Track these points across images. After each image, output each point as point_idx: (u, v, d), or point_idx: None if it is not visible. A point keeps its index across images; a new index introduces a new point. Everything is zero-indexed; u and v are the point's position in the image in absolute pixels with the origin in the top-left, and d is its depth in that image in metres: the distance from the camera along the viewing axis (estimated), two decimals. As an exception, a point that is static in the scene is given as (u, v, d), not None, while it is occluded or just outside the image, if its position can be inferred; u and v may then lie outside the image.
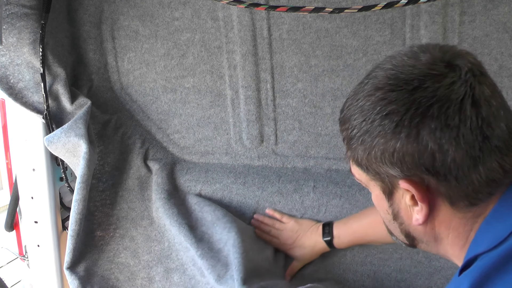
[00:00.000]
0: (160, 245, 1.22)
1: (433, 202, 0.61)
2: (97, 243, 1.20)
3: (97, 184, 1.22)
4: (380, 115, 0.59)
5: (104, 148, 1.25)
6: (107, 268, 1.18)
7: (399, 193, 0.64)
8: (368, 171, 0.65)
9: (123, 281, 1.19)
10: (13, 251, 1.41)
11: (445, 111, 0.56)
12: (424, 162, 0.58)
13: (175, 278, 1.18)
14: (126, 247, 1.21)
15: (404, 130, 0.57)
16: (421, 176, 0.59)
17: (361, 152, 0.63)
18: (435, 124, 0.56)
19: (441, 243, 0.66)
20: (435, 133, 0.56)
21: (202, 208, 1.22)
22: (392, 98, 0.58)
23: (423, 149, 0.57)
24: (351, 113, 0.63)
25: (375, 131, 0.60)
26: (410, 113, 0.57)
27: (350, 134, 0.64)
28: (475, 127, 0.56)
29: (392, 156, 0.59)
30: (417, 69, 0.59)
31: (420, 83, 0.57)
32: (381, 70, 0.62)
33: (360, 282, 1.19)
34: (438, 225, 0.63)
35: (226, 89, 1.25)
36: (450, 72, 0.58)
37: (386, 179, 0.63)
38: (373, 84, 0.61)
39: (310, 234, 1.15)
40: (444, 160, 0.57)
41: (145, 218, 1.24)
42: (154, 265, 1.20)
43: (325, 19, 1.13)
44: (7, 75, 1.14)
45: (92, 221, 1.20)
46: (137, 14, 1.23)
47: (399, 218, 0.67)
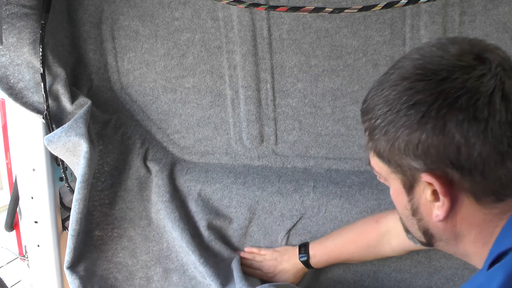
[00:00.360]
0: (158, 246, 1.22)
1: (455, 198, 0.59)
2: (95, 243, 1.20)
3: (96, 183, 1.22)
4: (406, 105, 0.57)
5: (103, 148, 1.25)
6: (106, 267, 1.19)
7: (420, 187, 0.61)
8: (390, 163, 0.62)
9: (122, 281, 1.19)
10: (13, 251, 1.41)
11: (474, 103, 0.54)
12: (449, 155, 0.56)
13: (174, 278, 1.19)
14: (124, 247, 1.21)
15: (430, 121, 0.55)
16: (444, 170, 0.57)
17: (384, 143, 0.61)
18: (463, 116, 0.54)
19: (462, 241, 0.63)
20: (463, 125, 0.54)
21: (200, 220, 1.24)
22: (420, 88, 0.56)
23: (449, 141, 0.55)
24: (375, 103, 0.61)
25: (400, 122, 0.58)
26: (437, 104, 0.55)
27: (373, 124, 0.61)
28: (504, 121, 0.54)
29: (416, 148, 0.57)
30: (446, 59, 0.57)
31: (448, 73, 0.56)
32: (408, 60, 0.60)
33: (360, 282, 1.19)
34: (460, 222, 0.61)
35: (226, 89, 1.25)
36: (480, 64, 0.56)
37: (407, 172, 0.61)
38: (399, 73, 0.59)
39: (288, 258, 1.16)
40: (470, 154, 0.55)
41: (144, 218, 1.25)
42: (152, 265, 1.20)
43: (325, 19, 1.13)
44: (7, 75, 1.14)
45: (91, 220, 1.20)
46: (137, 14, 1.23)
47: (418, 214, 0.65)
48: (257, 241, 1.23)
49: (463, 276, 1.12)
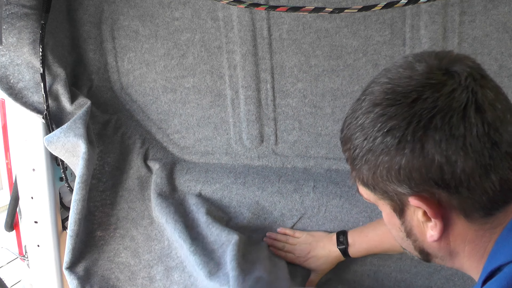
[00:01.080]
0: (160, 244, 1.22)
1: (446, 216, 0.58)
2: (97, 243, 1.20)
3: (97, 184, 1.22)
4: (381, 132, 0.56)
5: (104, 148, 1.25)
6: (108, 267, 1.18)
7: (411, 210, 0.61)
8: (376, 190, 0.62)
9: (124, 281, 1.19)
10: (13, 251, 1.41)
11: (449, 121, 0.53)
12: (433, 176, 0.55)
13: (175, 276, 1.19)
14: (127, 246, 1.21)
15: (408, 146, 0.55)
16: (431, 190, 0.57)
17: (366, 171, 0.60)
18: (439, 135, 0.54)
19: (457, 257, 0.63)
20: (441, 145, 0.54)
21: (199, 209, 1.22)
22: (392, 113, 0.56)
23: (430, 162, 0.55)
24: (352, 132, 0.61)
25: (378, 149, 0.57)
26: (412, 127, 0.54)
27: (353, 155, 0.61)
28: (482, 134, 0.54)
29: (399, 173, 0.57)
30: (414, 80, 0.56)
31: (418, 94, 0.55)
32: (377, 85, 0.59)
33: (360, 282, 1.19)
34: (453, 240, 0.61)
35: (226, 89, 1.25)
36: (449, 79, 0.56)
37: (395, 197, 0.61)
38: (370, 100, 0.59)
39: (324, 244, 1.14)
40: (453, 172, 0.54)
41: (146, 217, 1.24)
42: (154, 264, 1.20)
43: (325, 19, 1.13)
44: (7, 75, 1.15)
45: (93, 221, 1.20)
46: (137, 14, 1.23)
47: (412, 236, 0.65)
48: (257, 241, 1.23)
49: (463, 276, 1.12)
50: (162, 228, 1.23)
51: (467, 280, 1.12)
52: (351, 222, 1.17)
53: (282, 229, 1.20)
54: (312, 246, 1.15)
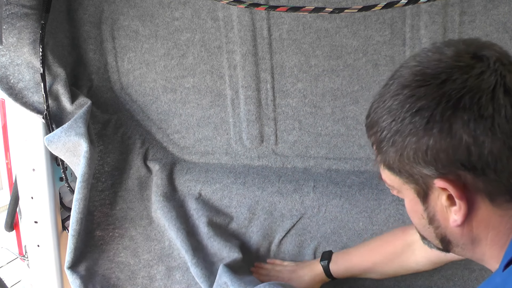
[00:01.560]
0: (160, 244, 1.22)
1: (471, 200, 0.58)
2: (96, 243, 1.20)
3: (96, 184, 1.22)
4: (410, 112, 0.57)
5: (104, 148, 1.25)
6: (108, 267, 1.18)
7: (435, 194, 0.61)
8: (401, 173, 0.62)
9: (124, 280, 1.19)
10: (13, 251, 1.41)
11: (477, 102, 0.54)
12: (460, 157, 0.55)
13: (177, 276, 1.19)
14: (126, 246, 1.21)
15: (436, 126, 0.55)
16: (457, 172, 0.56)
17: (393, 154, 0.60)
18: (468, 115, 0.54)
19: (479, 245, 0.62)
20: (469, 125, 0.54)
21: (200, 217, 1.23)
22: (421, 94, 0.56)
23: (458, 143, 0.55)
24: (379, 115, 0.60)
25: (406, 130, 0.57)
26: (441, 107, 0.55)
27: (379, 137, 0.61)
28: (511, 115, 0.54)
29: (426, 154, 0.57)
30: (443, 62, 0.57)
31: (448, 75, 0.56)
32: (406, 68, 0.60)
33: (360, 282, 1.18)
34: (476, 225, 0.60)
35: (226, 89, 1.25)
36: (478, 62, 0.56)
37: (420, 180, 0.60)
38: (399, 83, 0.59)
39: (310, 264, 1.15)
40: (480, 153, 0.54)
41: (144, 218, 1.25)
42: (154, 264, 1.20)
43: (325, 19, 1.13)
44: (7, 75, 1.15)
45: (92, 221, 1.20)
46: (137, 14, 1.23)
47: (435, 222, 0.64)
48: (257, 241, 1.23)
49: (463, 276, 1.12)
50: (162, 228, 1.23)
51: (467, 280, 1.12)
52: (351, 222, 1.17)
53: (271, 260, 1.21)
54: (298, 266, 1.16)
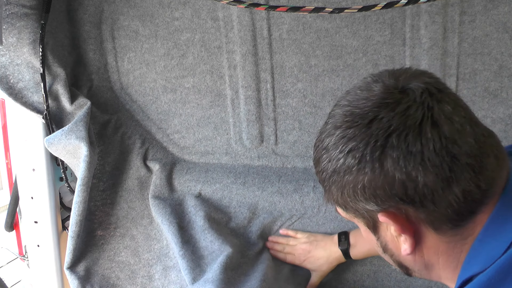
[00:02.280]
0: (159, 244, 1.23)
1: (416, 230, 0.60)
2: (97, 242, 1.20)
3: (97, 183, 1.22)
4: (343, 153, 0.58)
5: (104, 148, 1.25)
6: (108, 267, 1.19)
7: (383, 226, 0.63)
8: (347, 209, 0.64)
9: (124, 280, 1.19)
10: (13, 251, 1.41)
11: (405, 139, 0.54)
12: (397, 192, 0.56)
13: (172, 276, 1.19)
14: (127, 246, 1.22)
15: (368, 165, 0.56)
16: (397, 206, 0.58)
17: (335, 192, 0.62)
18: (396, 153, 0.55)
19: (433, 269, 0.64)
20: (399, 162, 0.55)
21: (198, 212, 1.22)
22: (351, 135, 0.57)
23: (391, 180, 0.56)
24: (319, 154, 0.63)
25: (342, 170, 0.59)
26: (369, 147, 0.56)
27: (322, 176, 0.63)
28: (440, 148, 0.54)
29: (364, 192, 0.58)
30: (371, 100, 0.58)
31: (375, 115, 0.56)
32: (338, 108, 0.61)
33: (360, 282, 1.19)
34: (426, 252, 0.62)
35: (226, 89, 1.25)
36: (404, 97, 0.56)
37: (365, 214, 0.62)
38: (332, 123, 0.61)
39: (325, 244, 1.13)
40: (416, 187, 0.55)
41: (145, 217, 1.25)
42: (154, 264, 1.20)
43: (325, 19, 1.13)
44: (7, 75, 1.15)
45: (93, 220, 1.21)
46: (137, 14, 1.23)
47: (388, 250, 0.66)
48: (257, 241, 1.23)
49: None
50: (161, 228, 1.23)
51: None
52: (351, 223, 1.16)
53: (284, 231, 1.20)
54: (313, 245, 1.15)
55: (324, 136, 0.62)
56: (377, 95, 0.58)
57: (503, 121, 1.11)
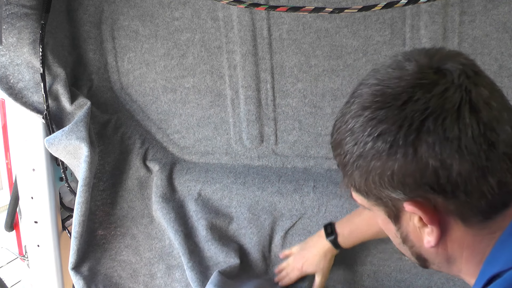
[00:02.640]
0: (161, 243, 1.23)
1: (443, 222, 0.56)
2: (99, 242, 1.21)
3: (98, 183, 1.22)
4: (372, 136, 0.54)
5: (104, 148, 1.25)
6: (110, 266, 1.19)
7: (406, 216, 0.59)
8: (369, 196, 0.60)
9: (126, 278, 1.20)
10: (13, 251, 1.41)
11: (442, 123, 0.51)
12: (427, 180, 0.53)
13: (176, 274, 1.20)
14: (128, 245, 1.22)
15: (400, 150, 0.52)
16: (426, 196, 0.54)
17: (358, 178, 0.58)
18: (432, 138, 0.51)
19: (455, 263, 0.61)
20: (434, 148, 0.51)
21: (199, 219, 1.23)
22: (382, 117, 0.53)
23: (424, 167, 0.52)
24: (341, 137, 0.58)
25: (369, 154, 0.55)
26: (403, 131, 0.52)
27: (343, 160, 0.59)
28: (478, 135, 0.51)
29: (392, 179, 0.54)
30: (404, 80, 0.54)
31: (409, 96, 0.53)
32: (366, 87, 0.57)
33: (360, 282, 1.19)
34: (450, 245, 0.59)
35: (226, 89, 1.25)
36: (441, 78, 0.53)
37: (389, 203, 0.58)
38: (359, 103, 0.56)
39: (314, 242, 1.13)
40: (449, 176, 0.52)
41: (145, 216, 1.25)
42: (155, 262, 1.21)
43: (325, 19, 1.13)
44: (7, 75, 1.15)
45: (94, 220, 1.21)
46: (137, 14, 1.23)
47: (409, 242, 0.62)
48: (257, 241, 1.23)
49: (463, 276, 1.12)
50: (163, 227, 1.23)
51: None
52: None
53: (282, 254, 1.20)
54: (304, 249, 1.15)
55: (348, 117, 0.57)
56: (411, 75, 0.54)
57: (503, 121, 1.10)
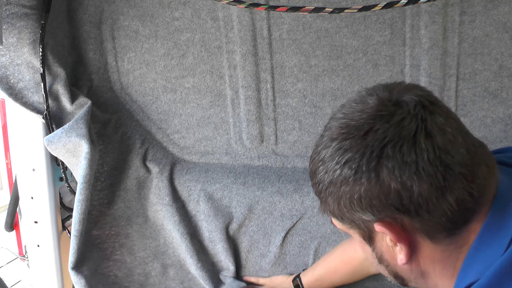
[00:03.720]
0: (155, 242, 1.24)
1: (412, 240, 0.61)
2: (94, 242, 1.21)
3: (95, 183, 1.22)
4: (339, 164, 0.59)
5: (103, 148, 1.25)
6: (106, 265, 1.20)
7: (379, 236, 0.63)
8: (344, 220, 0.64)
9: (122, 278, 1.20)
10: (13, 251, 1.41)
11: (400, 149, 0.56)
12: (392, 202, 0.57)
13: (171, 273, 1.21)
14: (122, 244, 1.23)
15: (364, 175, 0.57)
16: (393, 216, 0.59)
17: (332, 203, 0.63)
18: (392, 163, 0.56)
19: (429, 278, 0.65)
20: (394, 172, 0.56)
21: (201, 221, 1.26)
22: (347, 147, 0.59)
23: (387, 189, 0.57)
24: (315, 166, 0.64)
25: (338, 181, 0.60)
26: (365, 158, 0.57)
27: (318, 188, 0.64)
28: (434, 158, 0.56)
29: (360, 202, 0.59)
30: (365, 113, 0.59)
31: (370, 126, 0.58)
32: (334, 121, 0.62)
33: (360, 282, 1.19)
34: (422, 261, 0.63)
35: (226, 89, 1.25)
36: (398, 109, 0.58)
37: (362, 225, 0.63)
38: (328, 136, 0.62)
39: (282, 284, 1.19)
40: (411, 196, 0.56)
41: (141, 216, 1.26)
42: (150, 261, 1.22)
43: (325, 19, 1.13)
44: (7, 75, 1.14)
45: (90, 220, 1.21)
46: (137, 14, 1.23)
47: (384, 261, 0.67)
48: (257, 241, 1.23)
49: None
50: (158, 227, 1.24)
51: None
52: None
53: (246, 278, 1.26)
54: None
55: (320, 148, 0.63)
56: (372, 108, 0.59)
57: (503, 121, 1.11)
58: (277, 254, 1.22)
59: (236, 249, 1.25)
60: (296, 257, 1.22)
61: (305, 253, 1.21)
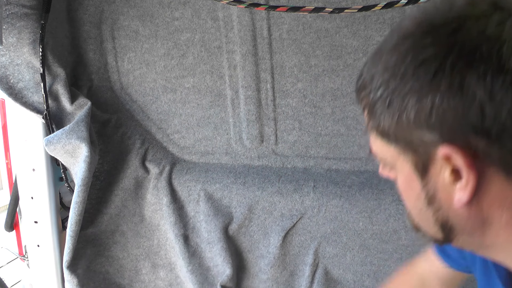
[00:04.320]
0: (149, 242, 1.25)
1: (482, 173, 0.47)
2: (88, 239, 1.22)
3: (95, 182, 1.23)
4: (413, 65, 0.46)
5: (103, 147, 1.26)
6: (99, 262, 1.22)
7: (436, 168, 0.49)
8: (397, 141, 0.51)
9: (113, 273, 1.22)
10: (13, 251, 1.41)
11: (498, 52, 0.44)
12: (471, 118, 0.44)
13: (161, 273, 1.23)
14: (116, 241, 1.24)
15: (444, 79, 0.45)
16: (466, 139, 0.46)
17: (388, 117, 0.49)
18: (485, 67, 0.43)
19: (490, 228, 0.51)
20: (485, 78, 0.43)
21: (200, 221, 1.25)
22: (427, 43, 0.46)
23: (470, 101, 0.44)
24: (373, 72, 0.50)
25: (406, 87, 0.47)
26: (452, 56, 0.44)
27: (372, 99, 0.50)
28: None
29: (430, 115, 0.46)
30: (455, 11, 0.47)
31: (460, 24, 0.45)
32: (409, 20, 0.50)
33: (360, 282, 1.19)
34: (487, 205, 0.49)
35: (226, 89, 1.25)
36: (497, 11, 0.46)
37: (420, 149, 0.49)
38: (399, 34, 0.49)
39: None
40: (496, 114, 0.44)
41: (137, 215, 1.27)
42: (142, 259, 1.24)
43: (325, 19, 1.13)
44: (7, 75, 1.15)
45: (86, 218, 1.22)
46: (137, 14, 1.23)
47: (435, 202, 0.52)
48: (257, 241, 1.24)
49: (463, 276, 1.12)
50: (153, 227, 1.26)
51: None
52: (351, 222, 1.17)
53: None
54: None
55: (385, 50, 0.50)
56: (463, 6, 0.48)
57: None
58: (276, 255, 1.22)
59: (236, 249, 1.25)
60: (296, 257, 1.22)
61: (305, 253, 1.21)
